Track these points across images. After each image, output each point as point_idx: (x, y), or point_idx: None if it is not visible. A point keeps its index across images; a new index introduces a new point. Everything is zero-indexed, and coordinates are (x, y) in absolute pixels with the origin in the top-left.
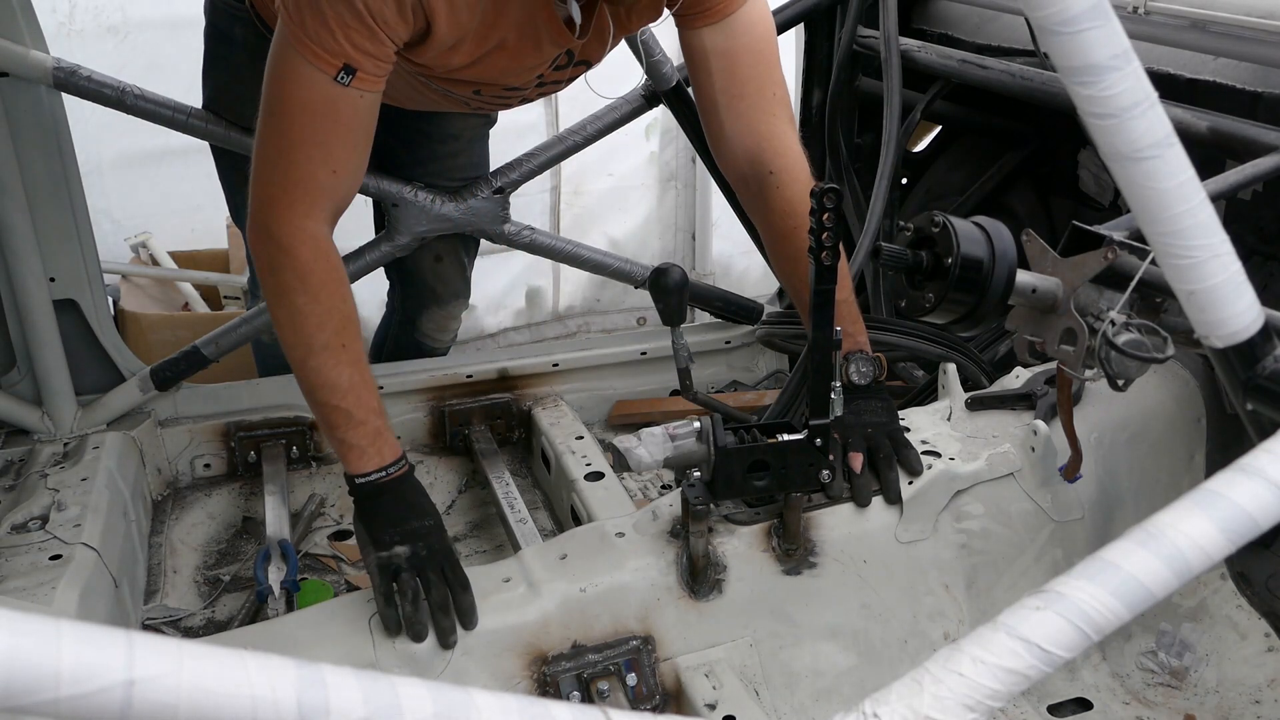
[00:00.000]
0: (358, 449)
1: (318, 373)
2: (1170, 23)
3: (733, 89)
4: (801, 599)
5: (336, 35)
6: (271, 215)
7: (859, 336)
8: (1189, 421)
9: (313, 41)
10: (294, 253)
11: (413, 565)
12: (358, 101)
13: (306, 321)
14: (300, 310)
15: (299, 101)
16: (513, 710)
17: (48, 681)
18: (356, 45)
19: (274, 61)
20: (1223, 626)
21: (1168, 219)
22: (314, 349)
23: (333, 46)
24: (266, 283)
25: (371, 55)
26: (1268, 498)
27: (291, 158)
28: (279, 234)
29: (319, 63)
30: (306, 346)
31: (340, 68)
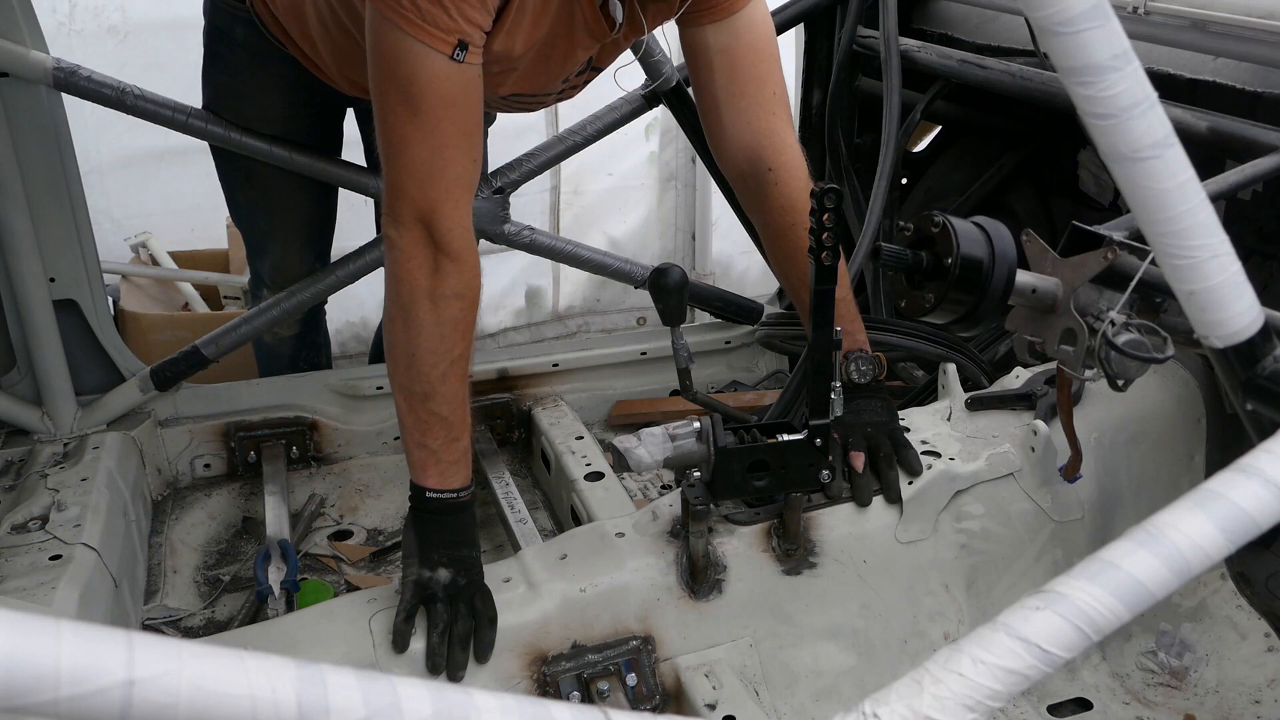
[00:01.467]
0: (444, 463)
1: (444, 381)
2: (1170, 23)
3: (734, 87)
4: (801, 599)
5: (450, 11)
6: (438, 219)
7: (858, 335)
8: (1189, 421)
9: (427, 22)
10: (465, 258)
11: (449, 594)
12: (476, 78)
13: (456, 329)
14: (454, 318)
15: (438, 95)
16: (513, 710)
17: (48, 681)
18: (468, 18)
19: (387, 52)
20: (1223, 626)
21: (1168, 219)
22: (453, 358)
23: (447, 24)
24: (419, 287)
25: (478, 26)
26: (1268, 498)
27: (447, 156)
28: (449, 239)
29: (435, 43)
30: (447, 354)
31: (455, 44)
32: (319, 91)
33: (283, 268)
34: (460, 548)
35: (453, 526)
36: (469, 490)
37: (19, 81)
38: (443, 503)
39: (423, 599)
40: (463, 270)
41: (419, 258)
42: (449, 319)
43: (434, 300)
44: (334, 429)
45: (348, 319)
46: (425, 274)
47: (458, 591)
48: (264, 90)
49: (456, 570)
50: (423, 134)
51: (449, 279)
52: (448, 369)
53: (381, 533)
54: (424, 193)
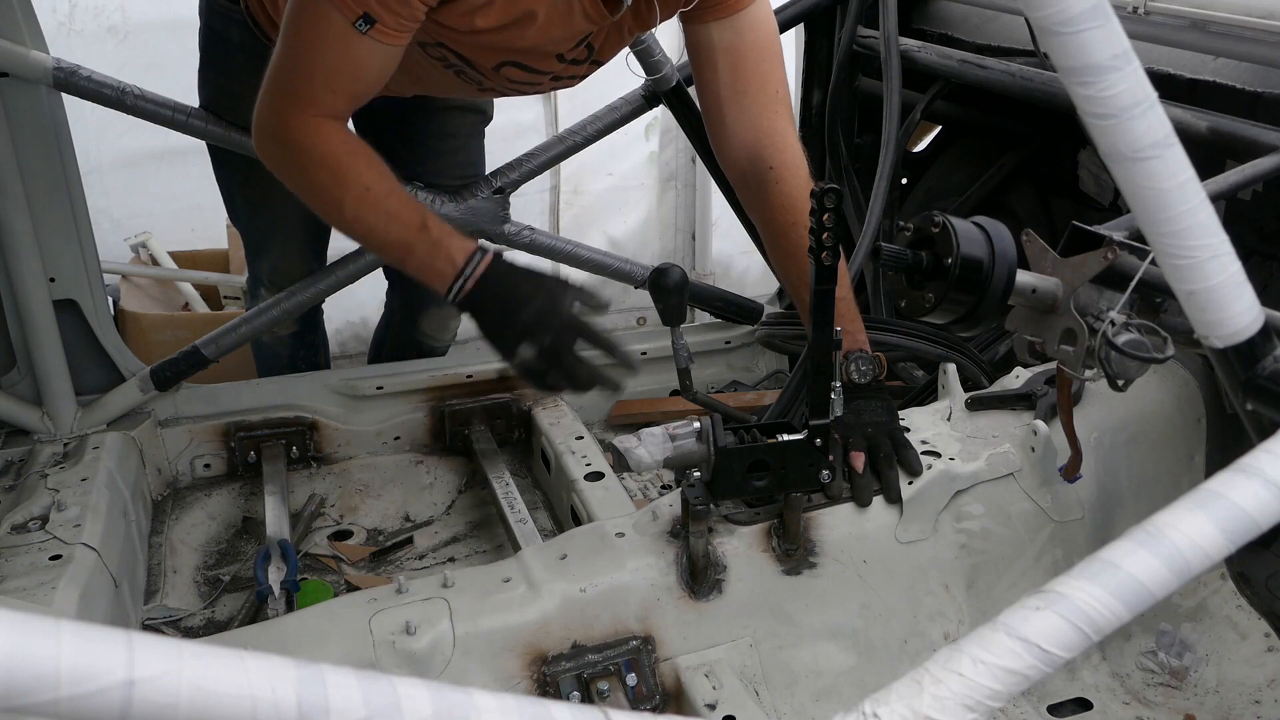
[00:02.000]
0: (432, 268)
1: (358, 224)
2: (1170, 23)
3: (737, 85)
4: (801, 599)
5: None
6: (268, 116)
7: (858, 335)
8: (1189, 421)
9: None
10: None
11: (547, 360)
12: (373, 48)
13: (323, 191)
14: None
15: (314, 33)
16: (513, 710)
17: (48, 681)
18: None
19: (295, 3)
20: (1223, 626)
21: (1168, 219)
22: (344, 207)
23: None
24: (285, 179)
25: (393, 11)
26: (1268, 498)
27: (295, 76)
28: (277, 131)
29: (341, 7)
30: (338, 210)
31: (360, 15)
32: None
33: (281, 268)
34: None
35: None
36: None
37: (19, 81)
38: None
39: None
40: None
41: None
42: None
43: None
44: (334, 429)
45: (348, 319)
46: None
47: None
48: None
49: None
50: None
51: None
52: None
53: (381, 533)
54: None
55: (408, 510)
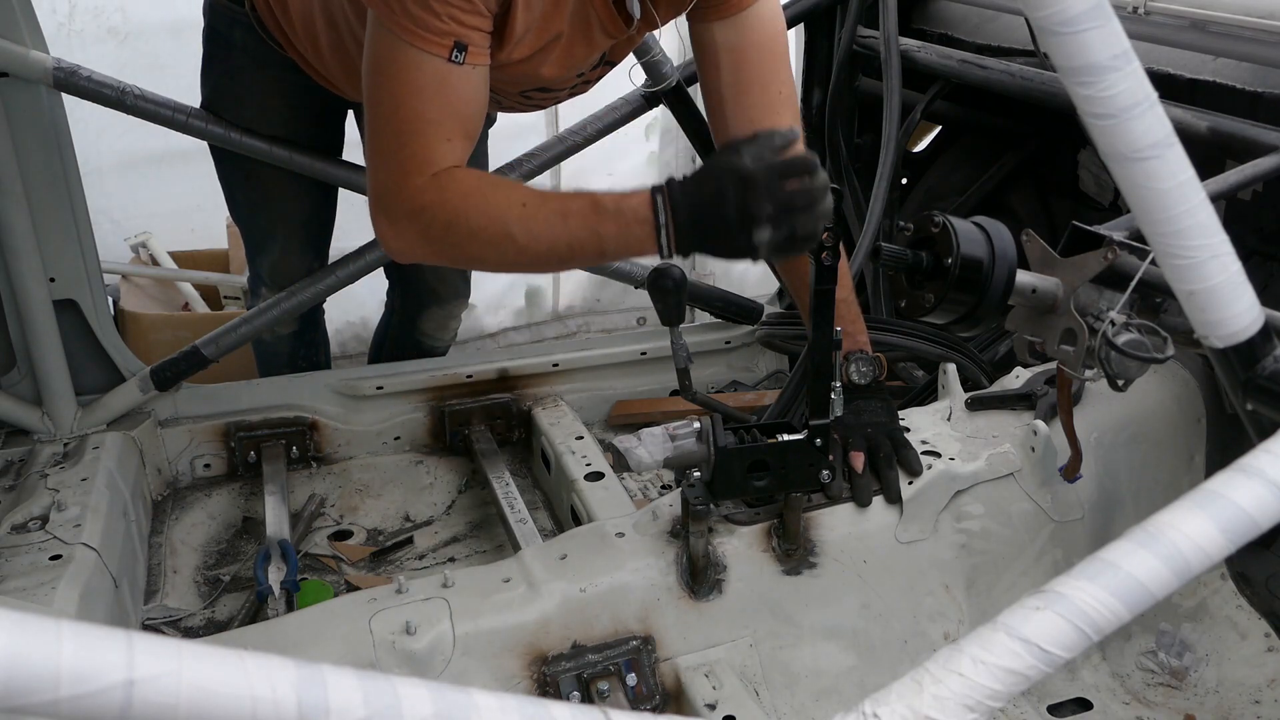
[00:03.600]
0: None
1: (535, 242)
2: (1170, 23)
3: (739, 85)
4: (801, 599)
5: (441, 15)
6: (391, 197)
7: (859, 336)
8: (1189, 421)
9: (419, 26)
10: (423, 207)
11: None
12: (471, 75)
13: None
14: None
15: (408, 87)
16: (512, 710)
17: (48, 681)
18: (461, 21)
19: (377, 59)
20: (1223, 626)
21: (1168, 219)
22: (513, 234)
23: (440, 27)
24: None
25: (477, 28)
26: (1268, 498)
27: (405, 141)
28: (405, 205)
29: (431, 47)
30: (508, 239)
31: (452, 46)
32: (319, 95)
33: (282, 267)
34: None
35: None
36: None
37: (19, 81)
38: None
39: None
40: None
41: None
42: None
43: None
44: (334, 429)
45: (348, 319)
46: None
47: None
48: (264, 94)
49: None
50: (384, 125)
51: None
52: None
53: (381, 533)
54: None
55: (408, 510)
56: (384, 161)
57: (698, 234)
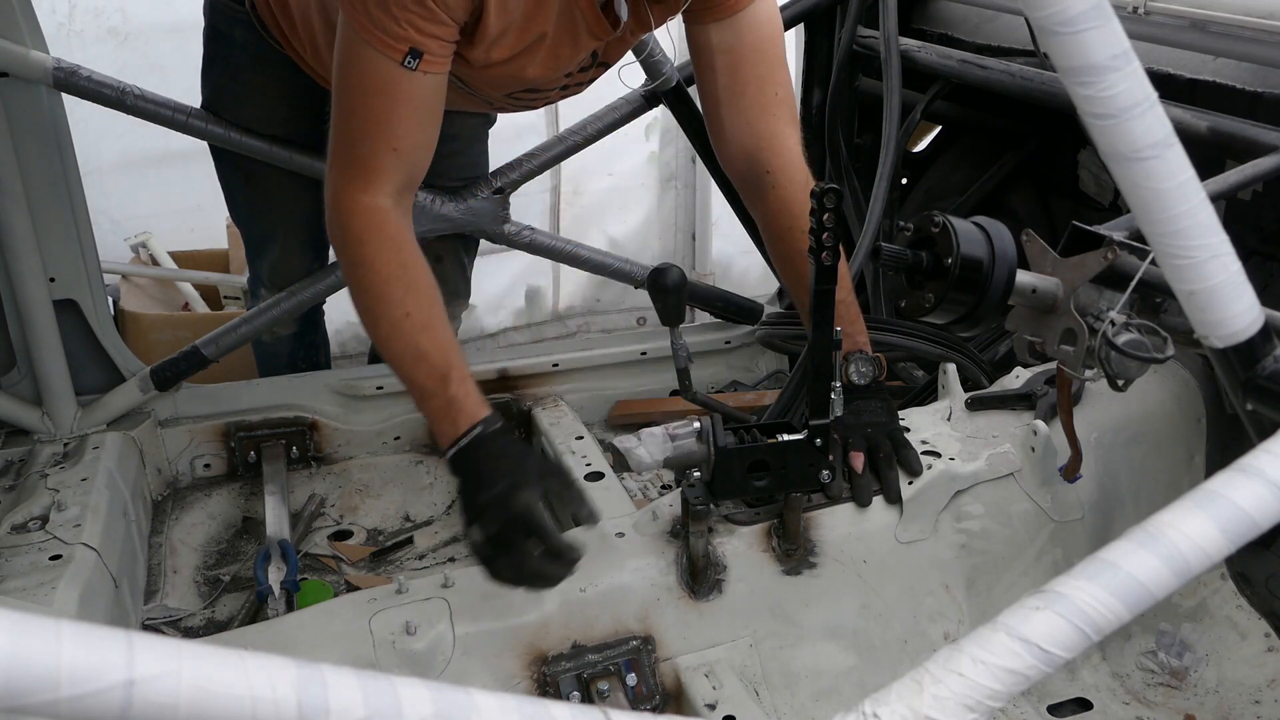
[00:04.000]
0: (438, 425)
1: (385, 347)
2: (1170, 23)
3: (734, 87)
4: (801, 599)
5: (399, 20)
6: (333, 196)
7: (859, 337)
8: (1189, 421)
9: (378, 28)
10: (349, 228)
11: (494, 547)
12: (422, 80)
13: (366, 294)
14: (360, 284)
15: (361, 85)
16: (512, 710)
17: (48, 681)
18: (419, 29)
19: (341, 54)
20: (1223, 626)
21: (1168, 219)
22: (380, 325)
23: (397, 32)
24: (341, 263)
25: (436, 37)
26: (1268, 498)
27: (353, 139)
28: (338, 212)
29: (385, 49)
30: (373, 325)
31: (406, 52)
32: (320, 94)
33: (282, 267)
34: (481, 489)
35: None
36: (471, 432)
37: (19, 81)
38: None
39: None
40: (349, 236)
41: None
42: (365, 289)
43: (349, 272)
44: (334, 429)
45: (348, 319)
46: (339, 251)
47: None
48: (264, 93)
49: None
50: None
51: (343, 250)
52: (385, 335)
53: (381, 533)
54: (330, 175)
55: (408, 510)
56: (335, 156)
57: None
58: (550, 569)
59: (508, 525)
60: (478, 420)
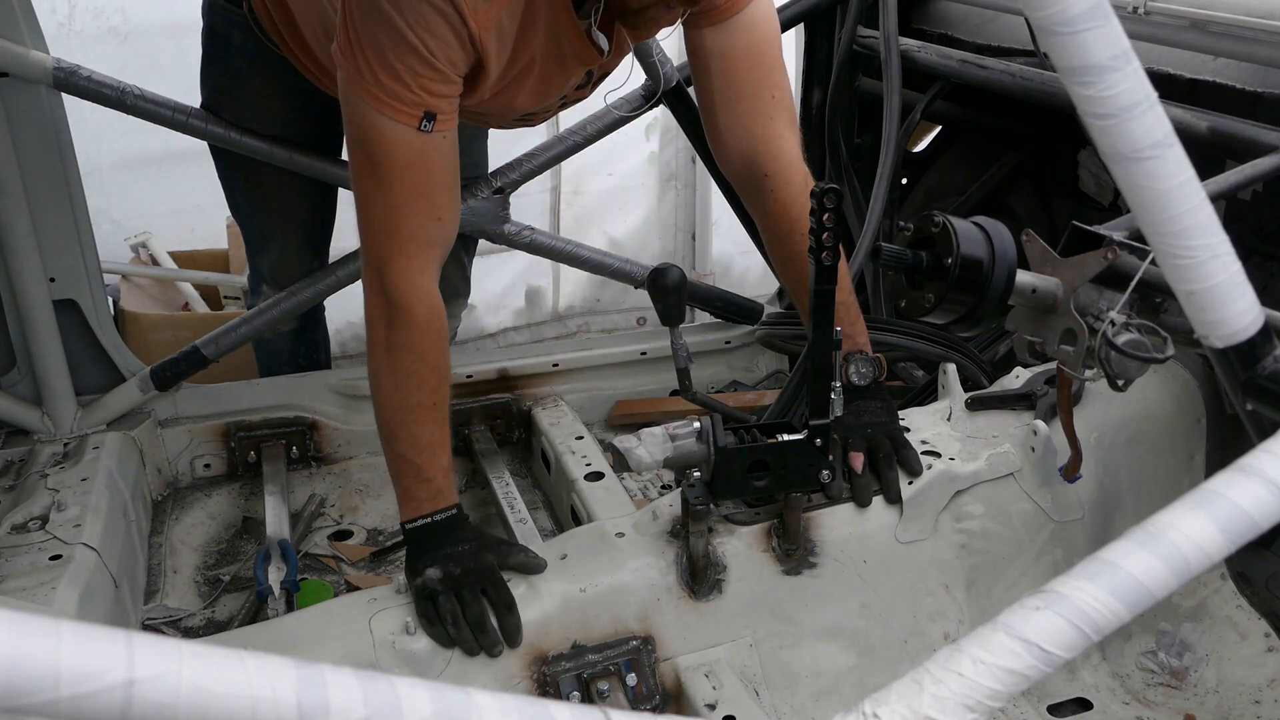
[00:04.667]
0: (415, 500)
1: (404, 427)
2: (1170, 23)
3: (730, 90)
4: (801, 599)
5: (411, 86)
6: (389, 274)
7: (859, 337)
8: (1189, 421)
9: (390, 97)
10: (412, 313)
11: (446, 586)
12: (443, 144)
13: (409, 380)
14: (405, 369)
15: (395, 160)
16: (513, 710)
17: (48, 681)
18: (431, 91)
19: (356, 123)
20: (1223, 626)
21: (1168, 219)
22: (410, 407)
23: (410, 98)
24: (378, 335)
25: (445, 96)
26: (1268, 498)
27: (400, 215)
28: (398, 293)
29: (400, 117)
30: (403, 403)
31: (421, 116)
32: (318, 95)
33: (282, 267)
34: (444, 547)
35: (432, 538)
36: (448, 511)
37: (19, 81)
38: (418, 528)
39: (430, 600)
40: (410, 323)
41: (376, 308)
42: (401, 369)
43: (388, 350)
44: (334, 429)
45: (348, 319)
46: (381, 324)
47: (455, 582)
48: (262, 94)
49: (446, 565)
50: (379, 192)
51: (398, 331)
52: (405, 416)
53: (381, 533)
54: (378, 248)
55: None
56: (386, 239)
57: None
58: (490, 622)
59: (470, 572)
60: (454, 503)
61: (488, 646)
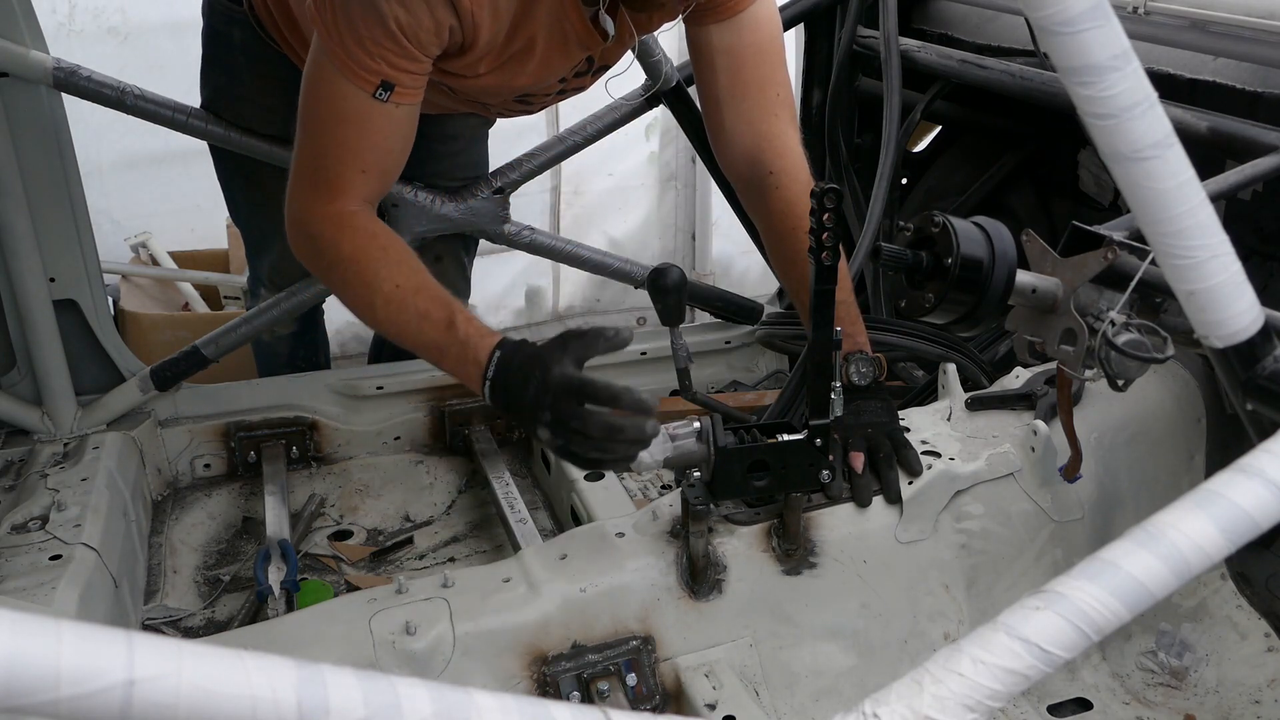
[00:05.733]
0: (463, 374)
1: (389, 324)
2: (1170, 23)
3: (735, 88)
4: (801, 599)
5: (373, 54)
6: (298, 212)
7: (859, 337)
8: (1189, 421)
9: (351, 60)
10: (320, 235)
11: (558, 430)
12: (394, 113)
13: (353, 286)
14: (345, 280)
15: (331, 111)
16: (513, 710)
17: (48, 681)
18: (393, 64)
19: (312, 78)
20: (1223, 626)
21: (1168, 219)
22: (375, 307)
23: (370, 65)
24: (317, 273)
25: (408, 71)
26: (1268, 498)
27: (319, 161)
28: (304, 223)
29: (358, 80)
30: (369, 310)
31: (378, 85)
32: None
33: (282, 267)
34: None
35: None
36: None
37: (19, 81)
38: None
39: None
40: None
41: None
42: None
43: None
44: (334, 429)
45: (348, 319)
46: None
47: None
48: (263, 93)
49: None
50: (305, 143)
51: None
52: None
53: (381, 533)
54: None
55: (408, 510)
56: (300, 175)
57: (505, 399)
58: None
59: (559, 401)
60: (492, 348)
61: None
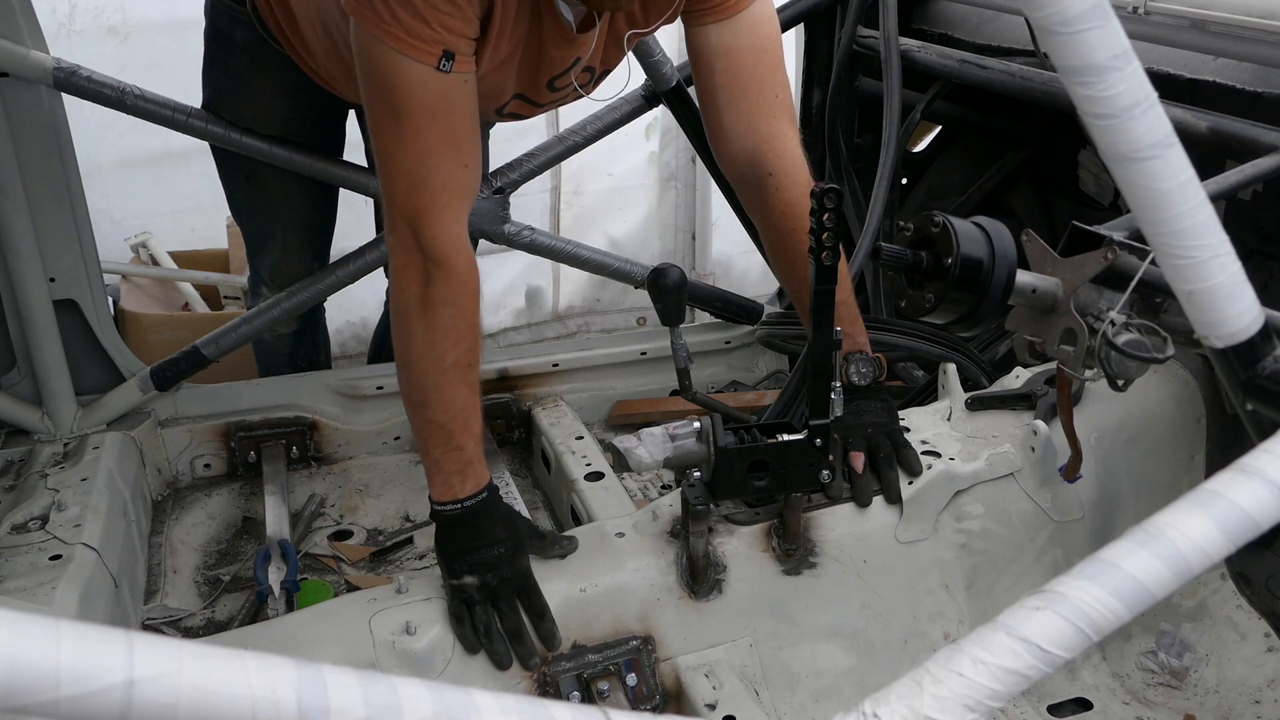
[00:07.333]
0: (444, 475)
1: (439, 389)
2: (1170, 23)
3: (734, 88)
4: (801, 599)
5: (430, 22)
6: (424, 226)
7: (859, 337)
8: (1189, 421)
9: (409, 34)
10: (452, 264)
11: (484, 595)
12: (464, 87)
13: (446, 338)
14: (443, 326)
15: (418, 103)
16: (513, 710)
17: (48, 681)
18: (449, 28)
19: (372, 65)
20: (1223, 626)
21: (1168, 219)
22: (445, 367)
23: (429, 35)
24: (411, 294)
25: (463, 35)
26: (1268, 498)
27: (430, 163)
28: (434, 246)
29: (419, 55)
30: (438, 363)
31: (440, 55)
32: (320, 95)
33: (282, 267)
34: (477, 551)
35: (463, 534)
36: (480, 495)
37: (19, 81)
38: (447, 515)
39: (466, 605)
40: (450, 277)
41: (410, 265)
42: (439, 326)
43: (424, 307)
44: (334, 429)
45: (348, 319)
46: (416, 281)
47: (492, 592)
48: (264, 94)
49: (483, 573)
50: (405, 142)
51: (437, 285)
52: (440, 377)
53: (381, 533)
54: (410, 200)
55: (408, 510)
56: (416, 188)
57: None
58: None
59: (507, 581)
60: (485, 484)
61: (524, 658)
